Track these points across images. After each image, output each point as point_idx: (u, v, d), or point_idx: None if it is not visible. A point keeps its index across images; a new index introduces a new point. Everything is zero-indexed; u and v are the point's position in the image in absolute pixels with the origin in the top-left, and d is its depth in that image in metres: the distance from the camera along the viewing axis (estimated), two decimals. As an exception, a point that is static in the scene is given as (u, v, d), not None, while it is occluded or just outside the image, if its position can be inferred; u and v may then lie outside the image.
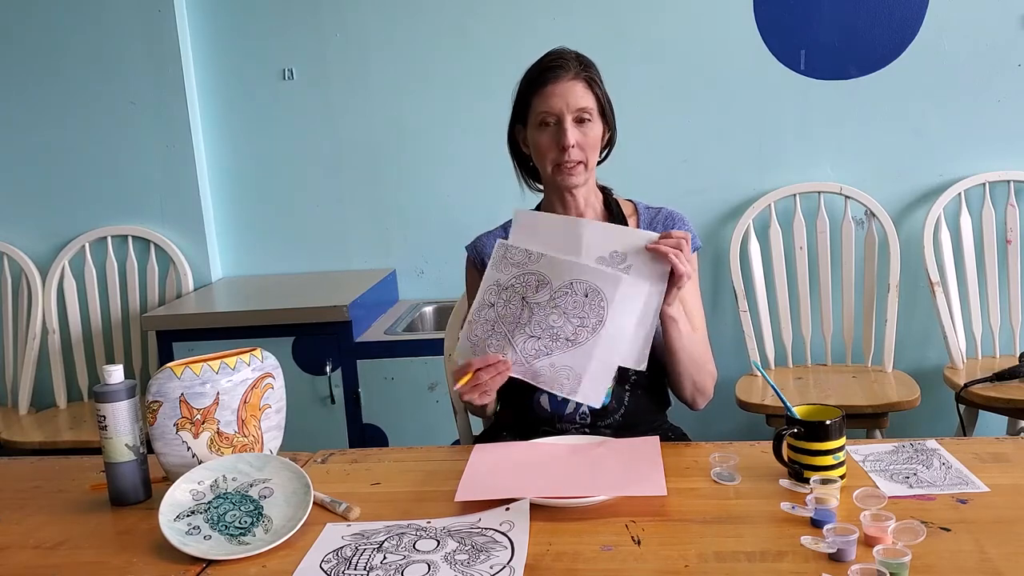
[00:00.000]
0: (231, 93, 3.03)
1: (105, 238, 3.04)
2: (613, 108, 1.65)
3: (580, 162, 1.60)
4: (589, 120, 1.59)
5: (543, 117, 1.58)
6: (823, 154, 2.83)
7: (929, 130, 2.77)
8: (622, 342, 1.47)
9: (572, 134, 1.57)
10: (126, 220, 3.05)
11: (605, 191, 1.73)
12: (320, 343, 2.60)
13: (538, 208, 1.76)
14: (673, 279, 1.47)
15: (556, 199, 1.69)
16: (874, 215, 2.74)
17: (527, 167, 1.74)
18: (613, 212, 1.71)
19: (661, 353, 1.70)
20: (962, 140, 2.76)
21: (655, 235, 1.48)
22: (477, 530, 1.23)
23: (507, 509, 1.28)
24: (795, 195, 2.79)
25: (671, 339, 1.57)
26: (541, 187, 1.75)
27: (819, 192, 2.78)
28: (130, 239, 3.05)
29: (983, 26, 2.69)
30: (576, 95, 1.57)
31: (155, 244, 3.03)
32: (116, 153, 3.01)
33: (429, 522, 1.27)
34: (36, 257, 3.05)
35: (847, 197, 2.77)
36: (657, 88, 2.86)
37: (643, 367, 1.49)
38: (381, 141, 3.01)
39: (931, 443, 1.45)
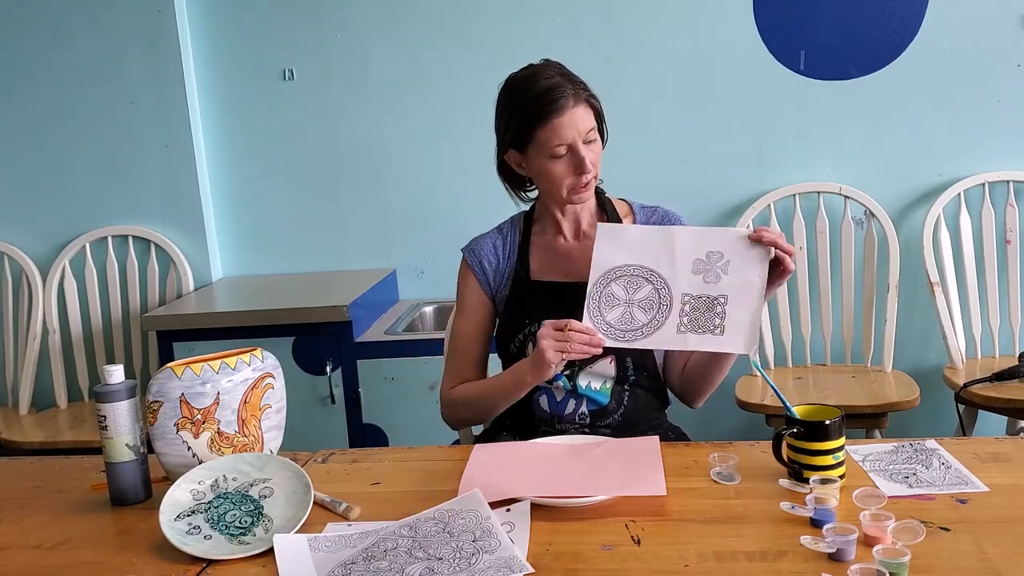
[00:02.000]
0: (231, 93, 3.03)
1: (105, 238, 3.05)
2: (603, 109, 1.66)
3: (593, 177, 1.61)
4: (595, 137, 1.60)
5: (556, 151, 1.58)
6: (823, 154, 2.83)
7: (929, 130, 2.77)
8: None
9: (587, 157, 1.58)
10: (126, 220, 3.05)
11: (597, 189, 1.73)
12: (320, 343, 2.60)
13: (532, 210, 1.76)
14: (777, 275, 1.48)
15: (555, 206, 1.70)
16: (874, 215, 2.74)
17: (518, 185, 1.74)
18: (607, 211, 1.72)
19: (663, 356, 1.70)
20: (962, 140, 2.76)
21: (749, 230, 1.49)
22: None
23: (508, 510, 1.28)
24: (795, 195, 2.79)
25: (726, 358, 1.59)
26: (532, 196, 1.75)
27: (819, 192, 2.78)
28: (130, 239, 3.05)
29: (983, 26, 2.69)
30: (582, 120, 1.57)
31: (155, 244, 3.03)
32: (116, 153, 3.01)
33: (429, 522, 1.27)
34: (36, 257, 3.05)
35: (847, 197, 2.77)
36: (657, 88, 2.86)
37: (752, 351, 1.47)
38: (381, 141, 3.01)
39: (931, 443, 1.45)
